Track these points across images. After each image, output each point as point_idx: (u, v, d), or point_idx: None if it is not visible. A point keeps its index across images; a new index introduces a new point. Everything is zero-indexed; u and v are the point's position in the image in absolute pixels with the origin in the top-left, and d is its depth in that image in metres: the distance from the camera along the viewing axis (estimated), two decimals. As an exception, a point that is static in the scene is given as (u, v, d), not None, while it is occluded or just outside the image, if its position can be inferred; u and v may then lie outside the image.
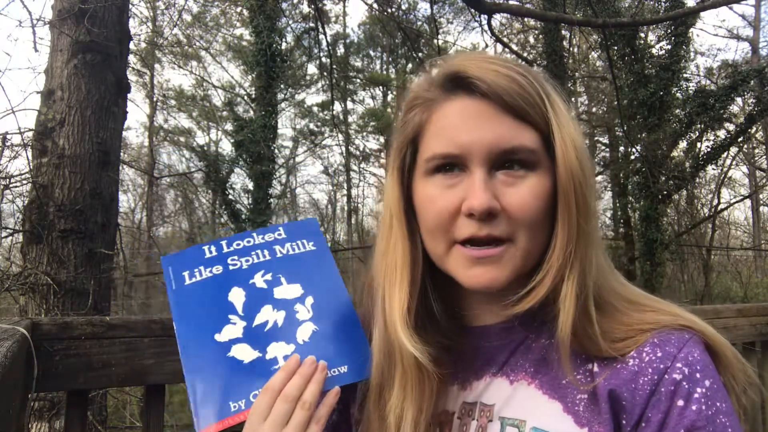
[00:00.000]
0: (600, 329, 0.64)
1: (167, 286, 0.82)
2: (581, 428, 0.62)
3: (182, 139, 19.25)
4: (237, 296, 0.81)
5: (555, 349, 0.65)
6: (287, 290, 0.82)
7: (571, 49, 13.82)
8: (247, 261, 0.84)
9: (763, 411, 1.50)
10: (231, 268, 0.83)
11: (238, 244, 0.86)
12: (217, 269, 0.83)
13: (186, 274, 0.83)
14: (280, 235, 0.88)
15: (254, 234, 0.88)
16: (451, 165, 0.67)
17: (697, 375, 0.60)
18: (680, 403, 0.59)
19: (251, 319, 0.78)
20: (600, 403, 0.62)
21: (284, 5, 12.17)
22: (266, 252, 0.86)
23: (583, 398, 0.64)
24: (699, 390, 0.59)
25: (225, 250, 0.86)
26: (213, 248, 0.86)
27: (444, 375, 0.71)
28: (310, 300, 0.81)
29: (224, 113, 17.25)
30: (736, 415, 0.60)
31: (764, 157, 17.09)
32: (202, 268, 0.83)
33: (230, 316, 0.78)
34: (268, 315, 0.79)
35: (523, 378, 0.69)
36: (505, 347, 0.71)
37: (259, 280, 0.82)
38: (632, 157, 11.70)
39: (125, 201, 18.06)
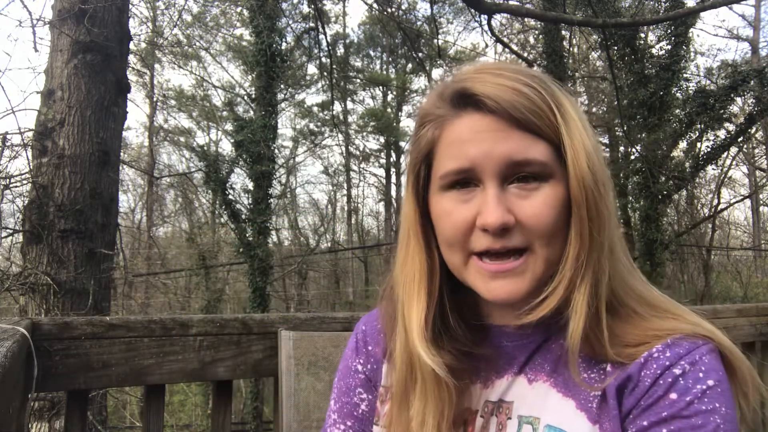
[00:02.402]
0: (612, 334, 0.65)
1: None
2: (593, 425, 0.64)
3: (182, 139, 19.27)
4: None
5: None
6: None
7: (571, 49, 13.80)
8: None
9: (763, 412, 1.51)
10: None
11: None
12: None
13: None
14: None
15: None
16: (465, 180, 0.68)
17: (700, 374, 0.60)
18: (673, 396, 0.59)
19: None
20: (608, 399, 0.64)
21: (284, 5, 12.17)
22: None
23: (597, 395, 0.65)
24: (699, 387, 0.59)
25: None
26: None
27: (463, 381, 0.73)
28: None
29: (224, 113, 17.26)
30: (737, 425, 0.59)
31: (764, 157, 17.09)
32: None
33: None
34: None
35: (541, 377, 0.70)
36: (526, 347, 0.73)
37: None
38: (632, 157, 11.68)
39: (125, 201, 18.08)
